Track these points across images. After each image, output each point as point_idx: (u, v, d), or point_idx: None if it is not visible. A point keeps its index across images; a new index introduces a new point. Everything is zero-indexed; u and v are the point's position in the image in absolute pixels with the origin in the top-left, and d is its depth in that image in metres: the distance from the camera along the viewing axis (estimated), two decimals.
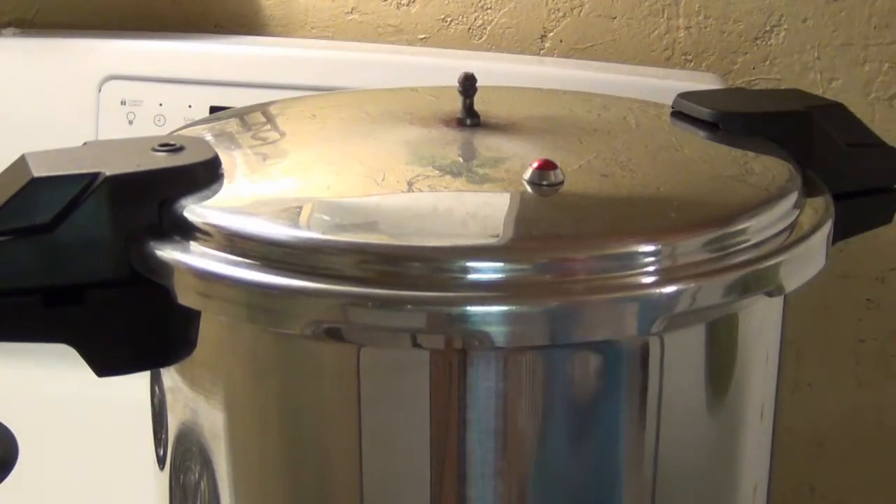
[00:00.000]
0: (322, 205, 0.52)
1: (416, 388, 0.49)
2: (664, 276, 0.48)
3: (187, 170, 0.52)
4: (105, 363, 0.52)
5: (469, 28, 0.94)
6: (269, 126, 0.62)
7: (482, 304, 0.46)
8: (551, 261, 0.48)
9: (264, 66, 0.89)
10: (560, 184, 0.52)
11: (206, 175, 0.53)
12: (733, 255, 0.50)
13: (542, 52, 0.94)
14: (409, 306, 0.47)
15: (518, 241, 0.49)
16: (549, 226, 0.51)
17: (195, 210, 0.51)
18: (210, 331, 0.52)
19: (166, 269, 0.49)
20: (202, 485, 0.54)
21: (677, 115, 0.64)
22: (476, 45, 0.94)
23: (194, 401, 0.54)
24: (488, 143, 0.58)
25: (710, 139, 0.61)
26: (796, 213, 0.54)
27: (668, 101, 0.65)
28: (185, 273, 0.49)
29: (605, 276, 0.48)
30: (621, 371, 0.50)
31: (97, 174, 0.50)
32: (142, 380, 0.57)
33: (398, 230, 0.50)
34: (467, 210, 0.52)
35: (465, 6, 0.94)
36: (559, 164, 0.52)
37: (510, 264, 0.47)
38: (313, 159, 0.58)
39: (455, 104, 0.60)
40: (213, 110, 0.86)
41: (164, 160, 0.52)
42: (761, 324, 0.55)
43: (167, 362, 0.54)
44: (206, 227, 0.50)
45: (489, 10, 0.93)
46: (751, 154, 0.59)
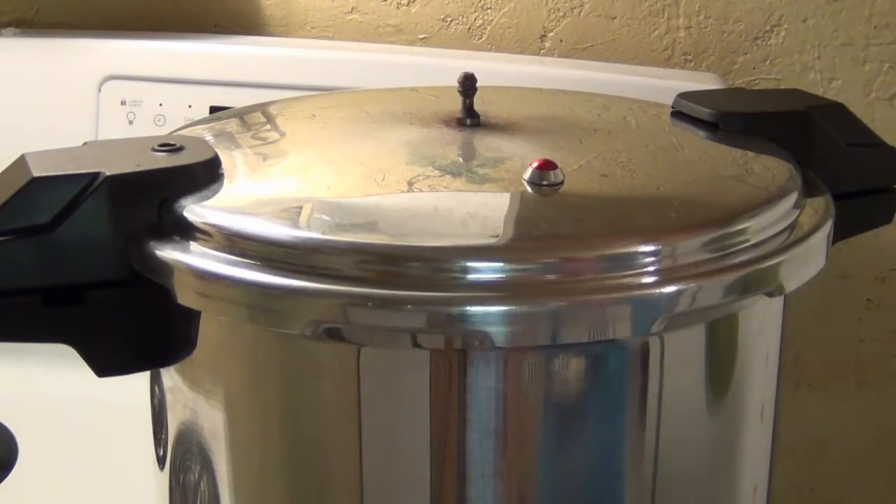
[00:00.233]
0: (322, 205, 0.52)
1: (416, 388, 0.49)
2: (664, 276, 0.48)
3: (187, 170, 0.52)
4: (105, 363, 0.52)
5: (469, 28, 0.94)
6: (269, 126, 0.62)
7: (482, 304, 0.46)
8: (551, 261, 0.48)
9: (264, 66, 0.88)
10: (560, 184, 0.52)
11: (206, 175, 0.53)
12: (733, 256, 0.50)
13: (542, 52, 0.94)
14: (409, 306, 0.47)
15: (518, 241, 0.49)
16: (549, 226, 0.51)
17: (195, 210, 0.51)
18: (210, 331, 0.52)
19: (166, 269, 0.49)
20: (202, 485, 0.54)
21: (677, 115, 0.64)
22: (476, 45, 0.94)
23: (194, 401, 0.54)
24: (488, 143, 0.58)
25: (710, 139, 0.61)
26: (796, 213, 0.54)
27: (668, 101, 0.65)
28: (185, 273, 0.49)
29: (605, 276, 0.48)
30: (621, 371, 0.50)
31: (97, 174, 0.50)
32: (142, 380, 0.57)
33: (398, 230, 0.50)
34: (467, 210, 0.52)
35: (465, 6, 0.93)
36: (559, 164, 0.52)
37: (510, 264, 0.47)
38: (313, 159, 0.58)
39: (455, 104, 0.60)
40: (213, 110, 0.86)
41: (163, 160, 0.52)
42: (761, 324, 0.55)
43: (167, 362, 0.54)
44: (206, 227, 0.50)
45: (489, 10, 0.93)
46: (751, 154, 0.59)
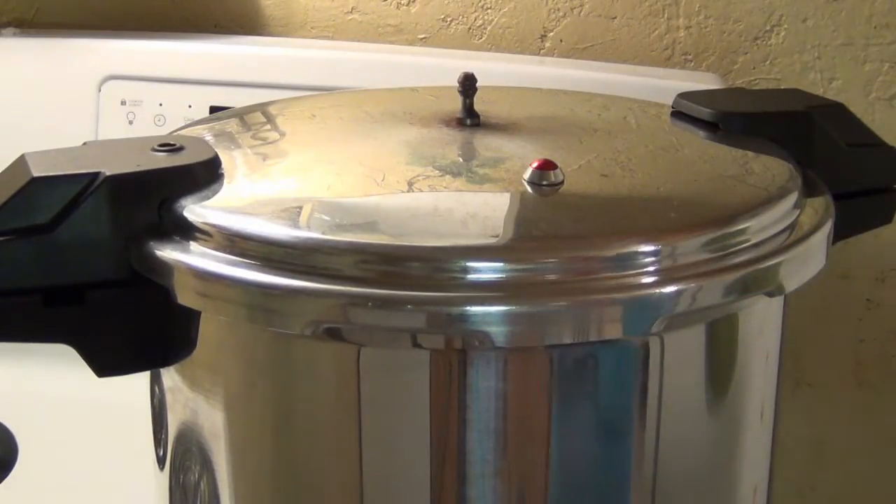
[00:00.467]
0: (322, 205, 0.52)
1: (416, 388, 0.49)
2: (664, 276, 0.48)
3: (187, 170, 0.52)
4: (105, 363, 0.52)
5: (469, 28, 0.94)
6: (269, 126, 0.62)
7: (482, 304, 0.46)
8: (551, 261, 0.48)
9: (264, 66, 0.88)
10: (560, 184, 0.52)
11: (205, 175, 0.53)
12: (733, 256, 0.50)
13: (542, 52, 0.94)
14: (409, 306, 0.47)
15: (518, 241, 0.49)
16: (549, 226, 0.51)
17: (195, 210, 0.51)
18: (210, 331, 0.52)
19: (166, 269, 0.49)
20: (202, 485, 0.54)
21: (677, 115, 0.64)
22: (476, 45, 0.94)
23: (194, 401, 0.54)
24: (488, 143, 0.58)
25: (710, 139, 0.61)
26: (796, 213, 0.54)
27: (668, 101, 0.65)
28: (185, 273, 0.49)
29: (605, 276, 0.48)
30: (621, 371, 0.50)
31: (97, 174, 0.50)
32: (142, 380, 0.57)
33: (398, 230, 0.50)
34: (467, 210, 0.52)
35: (465, 6, 0.93)
36: (559, 164, 0.52)
37: (510, 264, 0.47)
38: (313, 159, 0.58)
39: (455, 104, 0.60)
40: (213, 110, 0.86)
41: (163, 160, 0.52)
42: (761, 324, 0.55)
43: (167, 362, 0.54)
44: (206, 227, 0.50)
45: (489, 10, 0.93)
46: (751, 154, 0.59)
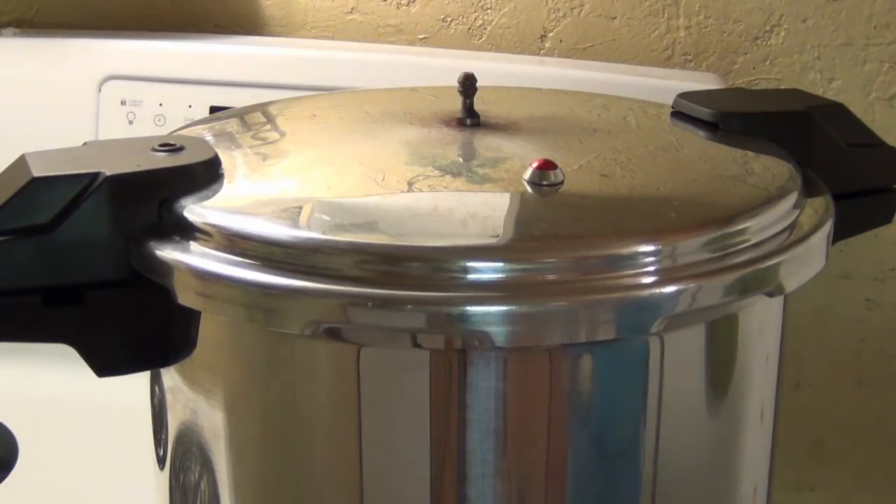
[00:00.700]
0: (322, 205, 0.52)
1: (416, 388, 0.49)
2: (664, 276, 0.48)
3: (187, 170, 0.52)
4: (105, 363, 0.52)
5: (469, 28, 0.94)
6: (269, 126, 0.62)
7: (482, 304, 0.46)
8: (551, 261, 0.48)
9: (264, 66, 0.88)
10: (560, 184, 0.52)
11: (206, 175, 0.53)
12: (733, 256, 0.50)
13: (542, 52, 0.94)
14: (409, 306, 0.47)
15: (518, 241, 0.49)
16: (549, 226, 0.51)
17: (195, 210, 0.51)
18: (210, 331, 0.52)
19: (166, 269, 0.49)
20: (202, 485, 0.54)
21: (677, 115, 0.64)
22: (476, 45, 0.94)
23: (194, 401, 0.54)
24: (488, 143, 0.58)
25: (710, 139, 0.61)
26: (796, 213, 0.54)
27: (668, 101, 0.65)
28: (185, 273, 0.49)
29: (604, 276, 0.48)
30: (621, 371, 0.50)
31: (97, 174, 0.50)
32: (142, 380, 0.57)
33: (398, 230, 0.50)
34: (467, 210, 0.52)
35: (465, 6, 0.93)
36: (559, 164, 0.52)
37: (510, 264, 0.47)
38: (313, 159, 0.58)
39: (455, 104, 0.60)
40: (213, 110, 0.86)
41: (163, 160, 0.52)
42: (761, 324, 0.55)
43: (167, 362, 0.54)
44: (206, 227, 0.50)
45: (489, 10, 0.93)
46: (751, 154, 0.59)
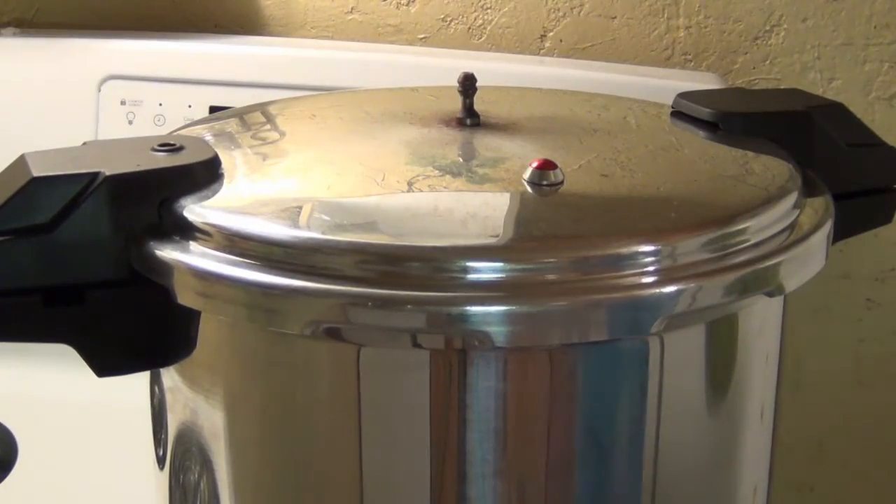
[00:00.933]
0: (322, 205, 0.52)
1: (416, 388, 0.49)
2: (664, 276, 0.48)
3: (187, 170, 0.52)
4: (105, 363, 0.52)
5: (469, 28, 0.94)
6: (268, 126, 0.62)
7: (482, 304, 0.46)
8: (551, 261, 0.48)
9: (264, 66, 0.88)
10: (560, 184, 0.52)
11: (205, 175, 0.53)
12: (733, 256, 0.50)
13: (541, 52, 0.94)
14: (408, 306, 0.47)
15: (518, 241, 0.49)
16: (549, 226, 0.51)
17: (195, 210, 0.51)
18: (210, 331, 0.52)
19: (166, 269, 0.49)
20: (202, 485, 0.54)
21: (677, 114, 0.64)
22: (476, 45, 0.94)
23: (194, 401, 0.54)
24: (488, 143, 0.58)
25: (709, 139, 0.61)
26: (796, 213, 0.54)
27: (668, 101, 0.65)
28: (185, 273, 0.49)
29: (604, 276, 0.48)
30: (621, 371, 0.50)
31: (97, 174, 0.50)
32: (142, 380, 0.57)
33: (398, 230, 0.50)
34: (467, 210, 0.52)
35: (465, 6, 0.93)
36: (559, 164, 0.52)
37: (510, 264, 0.47)
38: (313, 159, 0.58)
39: (455, 104, 0.60)
40: (213, 110, 0.86)
41: (163, 160, 0.52)
42: (761, 324, 0.55)
43: (167, 362, 0.54)
44: (206, 227, 0.50)
45: (489, 10, 0.93)
46: (751, 154, 0.59)
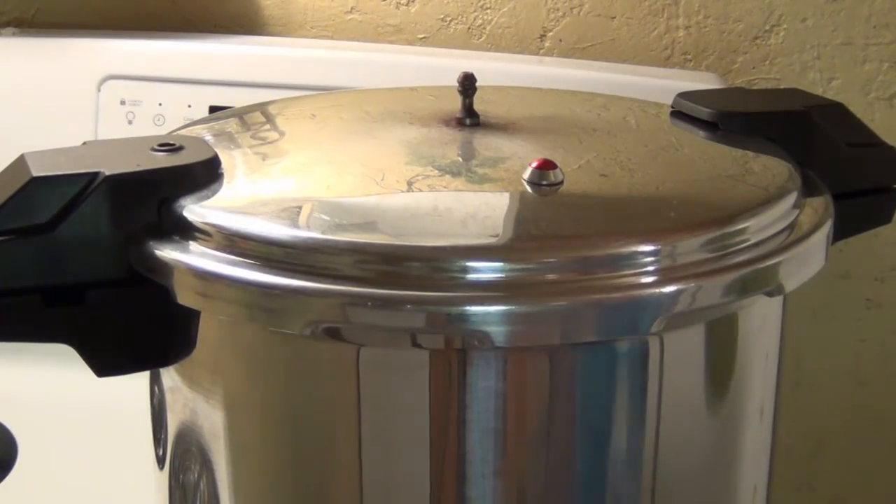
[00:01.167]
0: (322, 205, 0.52)
1: (416, 388, 0.49)
2: (664, 275, 0.48)
3: (187, 169, 0.52)
4: (105, 363, 0.52)
5: (468, 28, 0.94)
6: (268, 126, 0.62)
7: (482, 303, 0.46)
8: (551, 260, 0.48)
9: (264, 66, 0.88)
10: (560, 183, 0.52)
11: (205, 175, 0.53)
12: (733, 255, 0.50)
13: (541, 51, 0.94)
14: (408, 306, 0.47)
15: (517, 241, 0.49)
16: (549, 226, 0.51)
17: (195, 210, 0.51)
18: (210, 331, 0.52)
19: (166, 268, 0.49)
20: (202, 485, 0.54)
21: (677, 114, 0.64)
22: (475, 44, 0.94)
23: (194, 401, 0.54)
24: (488, 143, 0.58)
25: (709, 139, 0.61)
26: (796, 212, 0.54)
27: (668, 100, 0.65)
28: (185, 273, 0.49)
29: (604, 275, 0.48)
30: (621, 371, 0.50)
31: (96, 174, 0.50)
32: (142, 380, 0.57)
33: (398, 230, 0.50)
34: (467, 210, 0.52)
35: (465, 6, 0.93)
36: (559, 164, 0.52)
37: (510, 264, 0.47)
38: (313, 159, 0.58)
39: (455, 104, 0.60)
40: (213, 110, 0.86)
41: (163, 160, 0.52)
42: (761, 324, 0.55)
43: (167, 362, 0.54)
44: (206, 227, 0.50)
45: (489, 10, 0.93)
46: (750, 154, 0.59)
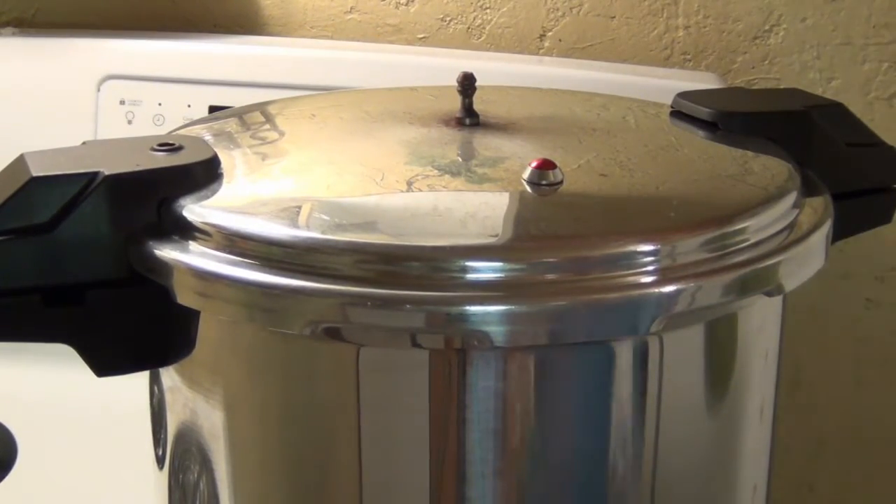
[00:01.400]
0: (321, 205, 0.52)
1: (415, 388, 0.49)
2: (663, 275, 0.48)
3: (186, 169, 0.52)
4: (104, 363, 0.52)
5: (468, 28, 0.94)
6: (268, 126, 0.62)
7: (481, 303, 0.46)
8: (550, 260, 0.48)
9: (264, 66, 0.88)
10: (559, 183, 0.52)
11: (205, 175, 0.53)
12: (732, 255, 0.50)
13: (541, 51, 0.94)
14: (408, 306, 0.47)
15: (517, 241, 0.49)
16: (549, 226, 0.51)
17: (194, 210, 0.51)
18: (209, 331, 0.52)
19: (165, 268, 0.49)
20: (201, 485, 0.54)
21: (677, 114, 0.64)
22: (475, 44, 0.94)
23: (193, 401, 0.54)
24: (487, 143, 0.58)
25: (709, 139, 0.61)
26: (796, 212, 0.54)
27: (668, 100, 0.65)
28: (185, 273, 0.49)
29: (604, 275, 0.48)
30: (620, 371, 0.50)
31: (96, 174, 0.50)
32: (142, 380, 0.57)
33: (397, 230, 0.50)
34: (467, 210, 0.52)
35: (465, 6, 0.93)
36: (558, 164, 0.52)
37: (509, 264, 0.47)
38: (313, 159, 0.58)
39: (454, 104, 0.60)
40: (213, 110, 0.86)
41: (163, 160, 0.52)
42: (761, 323, 0.55)
43: (167, 362, 0.54)
44: (206, 227, 0.50)
45: (488, 10, 0.93)
46: (750, 154, 0.59)
